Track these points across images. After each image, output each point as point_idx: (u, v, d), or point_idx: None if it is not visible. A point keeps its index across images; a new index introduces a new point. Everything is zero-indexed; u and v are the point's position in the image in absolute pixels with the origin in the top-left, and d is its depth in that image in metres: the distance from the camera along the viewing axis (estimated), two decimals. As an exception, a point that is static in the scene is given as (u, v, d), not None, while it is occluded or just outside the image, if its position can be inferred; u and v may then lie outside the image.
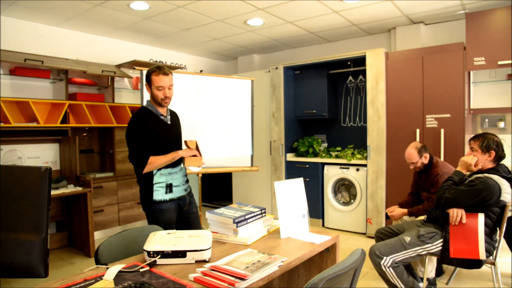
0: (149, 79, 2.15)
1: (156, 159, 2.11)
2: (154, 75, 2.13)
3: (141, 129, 2.11)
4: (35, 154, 3.94)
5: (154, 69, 2.15)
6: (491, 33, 3.53)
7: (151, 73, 2.14)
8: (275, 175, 5.04)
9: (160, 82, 2.13)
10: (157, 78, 2.13)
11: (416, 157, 2.87)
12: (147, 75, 2.17)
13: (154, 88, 2.14)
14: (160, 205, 2.18)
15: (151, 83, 2.14)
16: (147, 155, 2.09)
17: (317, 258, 1.87)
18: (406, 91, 4.00)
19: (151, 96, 2.19)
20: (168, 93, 2.16)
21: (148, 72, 2.17)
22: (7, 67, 3.67)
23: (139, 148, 2.10)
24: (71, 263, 3.57)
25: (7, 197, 1.15)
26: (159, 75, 2.13)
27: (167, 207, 2.20)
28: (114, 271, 1.31)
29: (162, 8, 3.64)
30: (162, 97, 2.15)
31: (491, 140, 2.32)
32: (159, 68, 2.15)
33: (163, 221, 2.14)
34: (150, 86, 2.16)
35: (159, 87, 2.13)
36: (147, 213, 2.23)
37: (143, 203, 2.23)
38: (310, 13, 3.90)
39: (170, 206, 2.21)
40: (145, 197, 2.20)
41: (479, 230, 2.20)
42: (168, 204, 2.20)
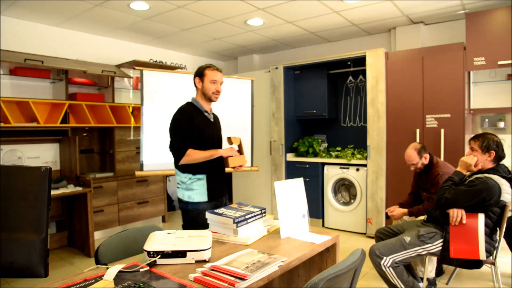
0: (203, 73, 2.23)
1: (194, 153, 2.12)
2: (208, 70, 2.23)
3: (187, 120, 2.15)
4: (35, 154, 3.94)
5: (208, 65, 2.25)
6: (491, 33, 3.53)
7: (205, 68, 2.24)
8: (275, 175, 5.04)
9: (215, 76, 2.23)
10: (212, 73, 2.23)
11: (416, 158, 2.87)
12: (200, 70, 2.24)
13: (207, 81, 2.22)
14: (197, 205, 2.17)
15: (205, 76, 2.22)
16: (187, 146, 2.10)
17: (317, 258, 1.86)
18: (406, 91, 4.00)
19: (202, 91, 2.24)
20: (220, 88, 2.26)
21: (201, 68, 2.25)
22: (7, 67, 3.67)
23: (182, 138, 2.12)
24: (71, 263, 3.57)
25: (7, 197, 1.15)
26: (214, 70, 2.24)
27: (205, 208, 2.15)
28: (114, 271, 1.31)
29: (162, 8, 3.64)
30: (214, 90, 2.23)
31: (491, 140, 2.32)
32: (213, 65, 2.26)
33: (199, 223, 2.10)
34: (202, 80, 2.23)
35: (213, 80, 2.22)
36: (183, 213, 2.22)
37: (181, 202, 2.23)
38: (310, 13, 3.90)
39: (207, 207, 2.17)
40: (183, 196, 2.20)
41: (479, 230, 2.20)
42: (206, 205, 2.19)
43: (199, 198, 2.17)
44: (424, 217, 2.60)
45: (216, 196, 2.25)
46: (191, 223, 2.17)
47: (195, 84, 2.27)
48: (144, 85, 3.44)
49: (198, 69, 2.26)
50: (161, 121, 3.54)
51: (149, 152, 3.47)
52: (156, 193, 4.78)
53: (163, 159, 3.52)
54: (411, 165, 2.92)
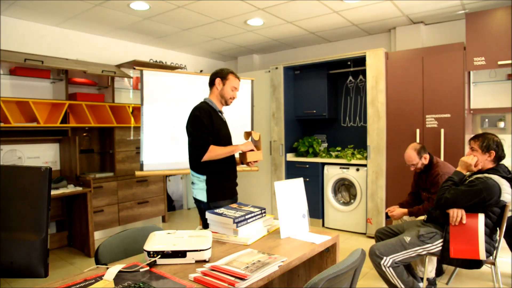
0: (226, 77, 2.30)
1: (216, 149, 2.16)
2: (233, 76, 2.33)
3: (208, 118, 2.20)
4: (35, 154, 3.94)
5: (232, 71, 2.34)
6: (491, 33, 3.53)
7: (230, 73, 2.32)
8: (275, 175, 5.04)
9: (237, 84, 2.34)
10: (235, 80, 2.33)
11: (416, 158, 2.87)
12: (224, 73, 2.31)
13: (229, 86, 2.31)
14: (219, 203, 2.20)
15: (227, 81, 2.30)
16: (209, 142, 2.14)
17: (317, 258, 1.86)
18: (406, 91, 4.00)
19: (220, 92, 2.31)
20: (236, 96, 2.38)
21: (225, 71, 2.33)
22: (7, 67, 3.67)
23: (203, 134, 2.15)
24: (71, 263, 3.57)
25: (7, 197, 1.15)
26: (236, 78, 2.35)
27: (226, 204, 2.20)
28: (114, 271, 1.31)
29: (162, 8, 3.64)
30: (232, 96, 2.34)
31: (491, 140, 2.32)
32: (235, 72, 2.36)
33: None
34: (223, 83, 2.30)
35: (233, 87, 2.33)
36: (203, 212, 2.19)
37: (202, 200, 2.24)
38: (310, 13, 3.90)
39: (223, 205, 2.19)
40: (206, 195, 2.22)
41: (479, 230, 2.20)
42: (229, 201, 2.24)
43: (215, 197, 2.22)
44: (424, 217, 2.60)
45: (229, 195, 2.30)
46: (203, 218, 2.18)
47: (214, 83, 2.32)
48: (144, 85, 3.44)
49: (221, 71, 2.33)
50: (161, 121, 3.55)
51: (149, 152, 3.47)
52: (156, 193, 4.78)
53: (163, 159, 3.52)
54: (411, 166, 2.92)
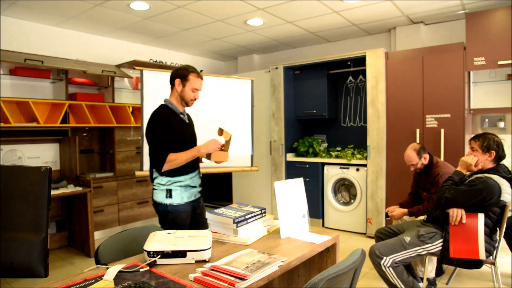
0: (186, 78, 2.14)
1: (176, 156, 2.03)
2: (193, 76, 2.15)
3: (165, 124, 2.07)
4: (35, 154, 3.94)
5: (193, 70, 2.16)
6: (491, 33, 3.53)
7: (190, 73, 2.14)
8: (275, 175, 5.04)
9: (198, 85, 2.17)
10: (196, 80, 2.16)
11: (415, 158, 2.87)
12: (184, 73, 2.14)
13: (189, 88, 2.15)
14: (177, 207, 2.11)
15: (188, 82, 2.14)
16: (167, 152, 2.03)
17: (317, 258, 1.86)
18: (406, 91, 4.00)
19: (180, 94, 2.17)
20: (198, 96, 2.21)
21: (185, 70, 2.15)
22: (7, 67, 3.67)
23: (161, 143, 2.04)
24: (71, 263, 3.57)
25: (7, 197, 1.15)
26: (198, 78, 2.17)
27: (184, 209, 2.14)
28: (114, 271, 1.31)
29: (162, 8, 3.64)
30: (193, 98, 2.18)
31: (491, 140, 2.32)
32: (197, 71, 2.19)
33: (178, 224, 2.09)
34: (183, 84, 2.15)
35: (194, 89, 2.16)
36: (161, 214, 2.16)
37: (158, 203, 2.15)
38: (310, 13, 3.90)
39: (186, 208, 2.15)
40: (161, 198, 2.13)
41: (479, 230, 2.20)
42: (185, 206, 2.15)
43: (178, 200, 2.12)
44: (424, 217, 2.60)
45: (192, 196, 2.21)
46: (170, 225, 2.11)
47: (174, 84, 2.17)
48: (144, 85, 3.44)
49: (181, 70, 2.16)
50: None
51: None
52: (156, 193, 4.77)
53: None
54: (411, 166, 2.92)
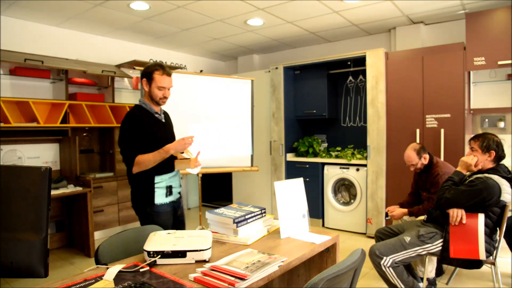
0: (151, 77, 2.08)
1: (144, 159, 1.99)
2: (157, 74, 2.07)
3: (137, 126, 2.03)
4: (35, 154, 3.94)
5: (158, 68, 2.09)
6: (491, 33, 3.53)
7: (154, 71, 2.07)
8: (275, 175, 5.04)
9: (163, 83, 2.09)
10: (161, 78, 2.08)
11: (415, 158, 2.87)
12: (148, 71, 2.09)
13: (155, 87, 2.08)
14: (158, 208, 2.10)
15: (153, 81, 2.08)
16: (135, 154, 1.99)
17: (317, 258, 1.86)
18: (406, 91, 4.00)
19: (149, 94, 2.11)
20: (168, 94, 2.14)
21: (150, 69, 2.09)
22: (7, 67, 3.67)
23: (130, 146, 2.01)
24: (71, 263, 3.57)
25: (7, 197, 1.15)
26: (163, 75, 2.09)
27: (165, 209, 2.12)
28: (114, 271, 1.31)
29: (162, 8, 3.64)
30: (161, 96, 2.11)
31: (491, 140, 2.32)
32: (163, 67, 2.10)
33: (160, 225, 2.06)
34: (150, 84, 2.09)
35: (160, 87, 2.09)
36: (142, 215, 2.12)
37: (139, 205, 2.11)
38: (310, 13, 3.90)
39: (167, 209, 2.14)
40: (141, 199, 2.10)
41: (479, 230, 2.20)
42: (166, 206, 2.13)
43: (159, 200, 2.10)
44: (424, 217, 2.60)
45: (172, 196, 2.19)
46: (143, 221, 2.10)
47: (142, 85, 2.12)
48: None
49: (146, 69, 2.11)
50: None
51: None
52: (156, 193, 4.78)
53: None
54: (411, 166, 2.92)
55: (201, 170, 3.65)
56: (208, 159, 3.74)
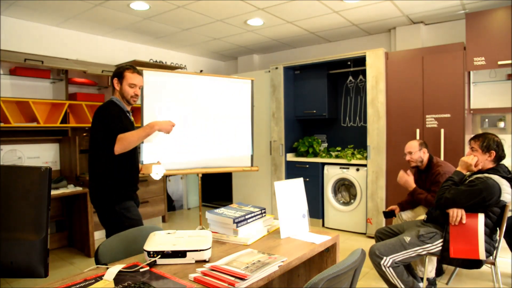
0: (122, 75, 2.20)
1: (126, 135, 2.03)
2: (128, 72, 2.21)
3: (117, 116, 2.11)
4: (35, 154, 3.94)
5: (129, 67, 2.23)
6: (491, 33, 3.53)
7: (125, 70, 2.21)
8: (275, 175, 5.04)
9: (134, 80, 2.21)
10: (132, 76, 2.21)
11: (415, 147, 2.89)
12: (119, 71, 2.22)
13: (126, 84, 2.20)
14: (126, 204, 2.15)
15: (124, 79, 2.20)
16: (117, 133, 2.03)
17: (317, 258, 1.86)
18: (406, 91, 4.00)
19: (120, 92, 2.22)
20: (138, 92, 2.25)
21: (121, 68, 2.23)
22: (7, 67, 3.67)
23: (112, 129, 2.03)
24: (71, 263, 3.57)
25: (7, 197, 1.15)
26: (134, 73, 2.22)
27: (132, 204, 2.19)
28: (114, 271, 1.31)
29: (162, 8, 3.64)
30: (133, 94, 2.23)
31: (491, 140, 2.32)
32: (133, 67, 2.25)
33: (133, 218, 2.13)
34: (121, 82, 2.21)
35: (132, 84, 2.21)
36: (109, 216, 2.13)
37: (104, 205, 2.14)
38: (310, 13, 3.90)
39: (134, 204, 2.22)
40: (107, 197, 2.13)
41: (479, 230, 2.20)
42: (133, 202, 2.21)
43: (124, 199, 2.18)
44: (424, 217, 2.60)
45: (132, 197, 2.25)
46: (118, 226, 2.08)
47: (113, 84, 2.24)
48: (144, 85, 3.44)
49: (117, 69, 2.24)
50: (161, 121, 3.54)
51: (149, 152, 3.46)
52: (156, 193, 4.78)
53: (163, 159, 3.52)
54: (408, 154, 2.93)
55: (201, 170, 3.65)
56: (208, 159, 3.74)
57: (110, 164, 2.10)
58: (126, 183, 2.19)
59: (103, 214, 2.17)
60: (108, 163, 2.10)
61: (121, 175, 2.15)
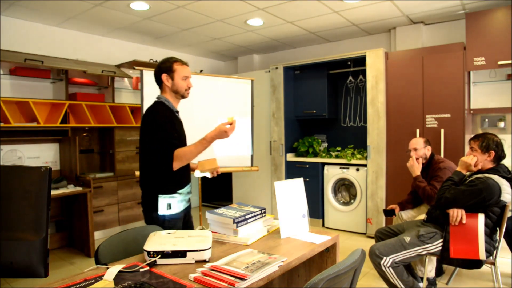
0: (172, 69, 2.00)
1: (185, 151, 1.88)
2: (178, 65, 2.01)
3: (167, 121, 1.94)
4: (35, 154, 3.94)
5: (175, 59, 2.04)
6: (491, 33, 3.53)
7: (174, 62, 2.01)
8: (275, 175, 5.04)
9: (186, 72, 2.03)
10: (182, 68, 2.02)
11: (421, 144, 2.92)
12: (167, 65, 2.01)
13: (178, 78, 2.01)
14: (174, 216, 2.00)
15: (175, 72, 2.00)
16: (173, 148, 1.88)
17: (317, 258, 1.86)
18: (406, 91, 4.00)
19: (172, 89, 2.03)
20: (191, 84, 2.07)
21: (167, 62, 2.02)
22: (7, 67, 3.67)
23: (167, 141, 1.88)
24: (71, 263, 3.57)
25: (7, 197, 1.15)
26: (183, 65, 2.04)
27: (180, 216, 2.04)
28: (114, 271, 1.31)
29: (162, 8, 3.64)
30: (187, 87, 2.05)
31: (490, 140, 2.32)
32: (179, 59, 2.06)
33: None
34: (172, 77, 2.00)
35: (184, 76, 2.02)
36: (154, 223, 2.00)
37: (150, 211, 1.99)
38: (310, 13, 3.90)
39: (181, 215, 2.05)
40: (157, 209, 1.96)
41: (479, 230, 2.20)
42: (180, 214, 2.04)
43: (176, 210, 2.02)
44: (424, 217, 2.61)
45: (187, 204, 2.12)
46: None
47: (162, 81, 2.02)
48: (144, 85, 3.44)
49: (163, 64, 2.02)
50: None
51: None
52: (156, 193, 4.77)
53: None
54: (413, 150, 2.93)
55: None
56: (208, 159, 3.73)
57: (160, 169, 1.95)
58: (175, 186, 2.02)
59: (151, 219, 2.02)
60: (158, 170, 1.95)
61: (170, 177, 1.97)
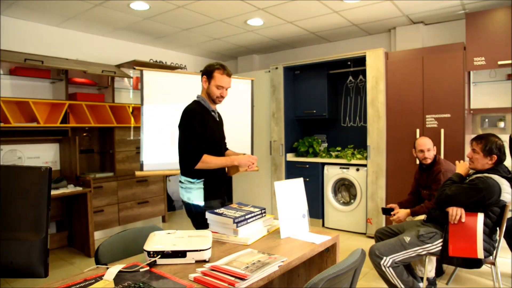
0: (211, 75, 2.15)
1: (211, 159, 2.08)
2: (218, 73, 2.14)
3: (200, 122, 2.10)
4: (35, 154, 3.94)
5: (219, 67, 2.16)
6: (491, 33, 3.53)
7: (215, 70, 2.14)
8: (275, 175, 5.04)
9: (222, 82, 2.16)
10: (221, 78, 2.15)
11: (431, 144, 2.92)
12: (209, 70, 2.16)
13: (213, 85, 2.15)
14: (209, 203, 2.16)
15: (212, 79, 2.15)
16: (202, 151, 2.07)
17: (317, 258, 1.86)
18: (406, 91, 4.00)
19: (207, 91, 2.19)
20: (225, 94, 2.20)
21: (211, 67, 2.16)
22: (7, 67, 3.67)
23: (196, 142, 2.07)
24: (71, 263, 3.57)
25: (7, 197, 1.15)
26: (224, 75, 2.16)
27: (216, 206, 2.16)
28: (114, 271, 1.31)
29: (162, 8, 3.64)
30: (218, 95, 2.18)
31: (493, 144, 2.30)
32: (224, 67, 2.17)
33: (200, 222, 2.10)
34: (209, 81, 2.16)
35: (219, 86, 2.16)
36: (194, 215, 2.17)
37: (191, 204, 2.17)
38: (310, 13, 3.90)
39: (217, 205, 2.18)
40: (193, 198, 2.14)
41: (478, 230, 2.20)
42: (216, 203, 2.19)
43: (197, 200, 2.16)
44: (424, 217, 2.61)
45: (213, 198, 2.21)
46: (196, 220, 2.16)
47: (202, 81, 2.21)
48: (144, 85, 3.44)
49: (208, 67, 2.18)
50: (161, 121, 3.55)
51: (149, 152, 3.47)
52: (156, 193, 4.78)
53: (163, 159, 3.52)
54: (425, 151, 2.89)
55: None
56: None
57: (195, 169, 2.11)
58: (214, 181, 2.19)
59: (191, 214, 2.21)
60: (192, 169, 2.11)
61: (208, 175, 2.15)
